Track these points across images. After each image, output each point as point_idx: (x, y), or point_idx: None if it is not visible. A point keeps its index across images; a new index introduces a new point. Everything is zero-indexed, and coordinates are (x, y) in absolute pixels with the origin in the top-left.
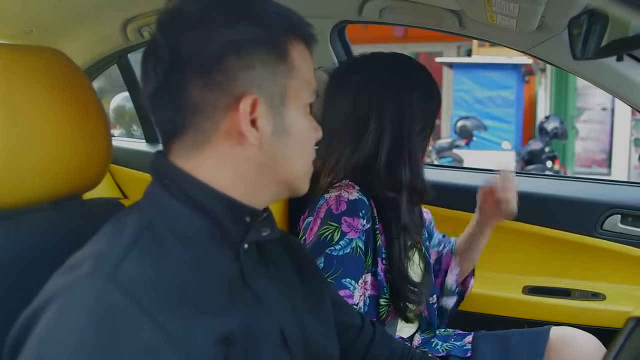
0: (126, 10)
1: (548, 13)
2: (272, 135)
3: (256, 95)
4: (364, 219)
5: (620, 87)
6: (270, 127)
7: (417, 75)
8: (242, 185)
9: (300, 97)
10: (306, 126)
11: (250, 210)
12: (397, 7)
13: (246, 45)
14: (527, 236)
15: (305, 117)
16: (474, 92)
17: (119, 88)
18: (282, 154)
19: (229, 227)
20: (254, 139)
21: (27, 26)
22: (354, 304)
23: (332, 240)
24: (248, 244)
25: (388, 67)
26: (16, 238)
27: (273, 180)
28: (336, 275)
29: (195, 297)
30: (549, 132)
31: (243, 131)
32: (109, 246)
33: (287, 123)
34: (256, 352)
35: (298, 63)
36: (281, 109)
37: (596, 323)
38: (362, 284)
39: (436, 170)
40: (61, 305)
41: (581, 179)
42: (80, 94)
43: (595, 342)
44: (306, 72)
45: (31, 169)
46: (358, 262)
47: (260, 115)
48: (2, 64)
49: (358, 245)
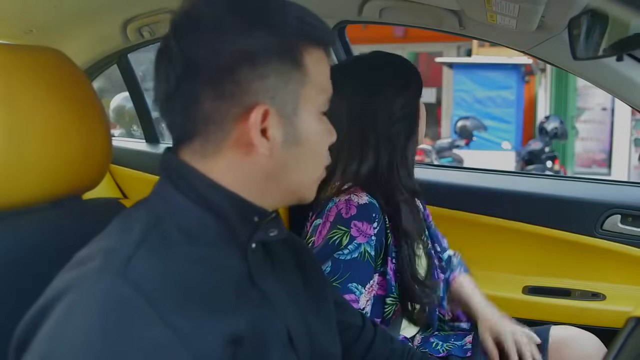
0: (126, 10)
1: (548, 13)
2: (282, 145)
3: (268, 106)
4: (376, 221)
5: (620, 87)
6: (281, 137)
7: (385, 72)
8: (248, 192)
9: (314, 104)
10: (319, 132)
11: (259, 210)
12: (397, 7)
13: (260, 55)
14: (527, 236)
15: (319, 123)
16: (474, 92)
17: (118, 88)
18: (292, 163)
19: (237, 226)
20: (264, 149)
21: (27, 26)
22: (360, 308)
23: (341, 245)
24: (255, 243)
25: (357, 72)
26: (16, 238)
27: (280, 188)
28: (343, 279)
29: (203, 296)
30: (549, 132)
31: (253, 142)
32: (117, 243)
33: (299, 132)
34: (264, 352)
35: (312, 69)
36: (293, 117)
37: (596, 323)
38: (369, 289)
39: (436, 170)
40: (70, 300)
41: (581, 179)
42: (80, 94)
43: (596, 342)
44: (321, 78)
45: (31, 169)
46: (366, 267)
47: (271, 125)
48: (2, 64)
49: (366, 250)
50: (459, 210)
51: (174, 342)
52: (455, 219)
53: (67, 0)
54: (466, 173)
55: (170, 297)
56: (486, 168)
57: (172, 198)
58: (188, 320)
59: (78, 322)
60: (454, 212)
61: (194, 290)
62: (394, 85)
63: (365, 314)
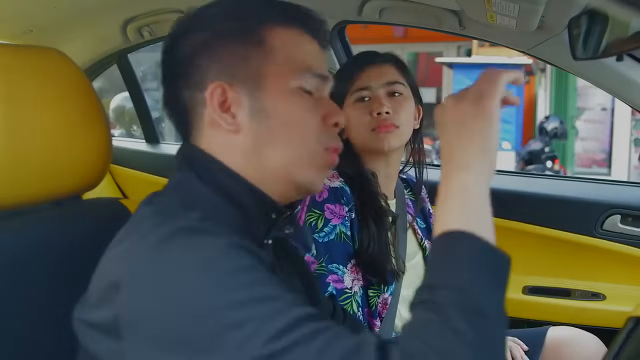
0: (126, 10)
1: (548, 13)
2: (250, 120)
3: (222, 82)
4: (347, 206)
5: (620, 87)
6: (246, 111)
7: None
8: (244, 173)
9: (283, 79)
10: (294, 109)
11: (276, 206)
12: (397, 7)
13: (213, 41)
14: (527, 236)
15: (294, 98)
16: None
17: (118, 88)
18: (267, 138)
19: (256, 220)
20: (227, 125)
21: (27, 26)
22: (346, 287)
23: (317, 227)
24: (271, 239)
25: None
26: (17, 238)
27: (268, 172)
28: (324, 260)
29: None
30: (549, 132)
31: (215, 118)
32: (171, 219)
33: (266, 105)
34: None
35: (279, 47)
36: (257, 92)
37: (596, 323)
38: (351, 268)
39: (436, 170)
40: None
41: (581, 179)
42: (80, 94)
43: (596, 342)
44: (291, 54)
45: (31, 169)
46: (344, 247)
47: (232, 101)
48: (3, 64)
49: (342, 231)
50: None
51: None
52: None
53: (67, 0)
54: None
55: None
56: None
57: (194, 188)
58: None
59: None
60: None
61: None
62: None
63: (337, 303)
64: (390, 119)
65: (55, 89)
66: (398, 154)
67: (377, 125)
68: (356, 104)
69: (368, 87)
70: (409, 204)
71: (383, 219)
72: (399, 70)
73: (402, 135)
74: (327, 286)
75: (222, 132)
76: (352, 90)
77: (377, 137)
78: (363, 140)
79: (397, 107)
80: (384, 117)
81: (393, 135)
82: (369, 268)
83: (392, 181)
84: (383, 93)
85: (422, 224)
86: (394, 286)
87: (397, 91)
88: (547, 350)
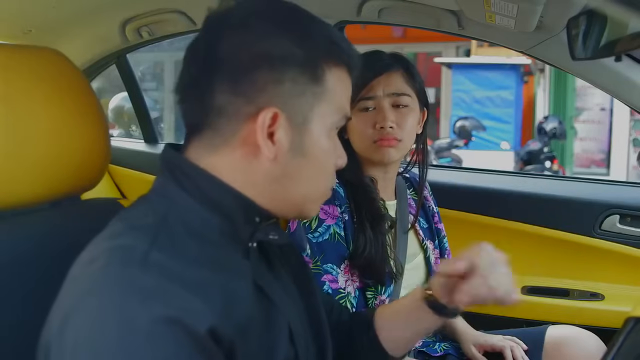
0: (125, 10)
1: (547, 13)
2: (288, 153)
3: (278, 110)
4: (340, 207)
5: (619, 87)
6: (288, 144)
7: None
8: (255, 194)
9: (327, 120)
10: (326, 150)
11: (262, 211)
12: (396, 8)
13: (280, 61)
14: (526, 236)
15: (328, 140)
16: (473, 92)
17: (117, 88)
18: (294, 173)
19: (241, 226)
20: (269, 152)
21: (26, 26)
22: (340, 287)
23: (311, 227)
24: (255, 243)
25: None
26: (15, 238)
27: (286, 196)
28: (319, 260)
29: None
30: (548, 132)
31: (259, 142)
32: (133, 241)
33: (306, 144)
34: (271, 347)
35: (332, 86)
36: (302, 128)
37: (595, 323)
38: (345, 269)
39: (435, 170)
40: (95, 301)
41: (580, 179)
42: (79, 94)
43: (596, 341)
44: (339, 96)
45: (30, 169)
46: (337, 247)
47: (279, 130)
48: (1, 64)
49: (336, 231)
50: (457, 210)
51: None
52: (453, 218)
53: (65, 0)
54: (465, 173)
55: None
56: (485, 168)
57: (175, 196)
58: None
59: (111, 318)
60: (452, 212)
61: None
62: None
63: (336, 300)
64: (393, 133)
65: (54, 89)
66: (398, 161)
67: (379, 138)
68: (360, 113)
69: (373, 96)
70: (411, 204)
71: (380, 224)
72: (407, 77)
73: (404, 148)
74: (323, 285)
75: (248, 153)
76: (357, 98)
77: (378, 150)
78: (365, 151)
79: (401, 121)
80: (387, 132)
81: (395, 149)
82: (364, 270)
83: (391, 183)
84: (388, 104)
85: (424, 224)
86: (393, 288)
87: (402, 104)
88: (547, 349)
